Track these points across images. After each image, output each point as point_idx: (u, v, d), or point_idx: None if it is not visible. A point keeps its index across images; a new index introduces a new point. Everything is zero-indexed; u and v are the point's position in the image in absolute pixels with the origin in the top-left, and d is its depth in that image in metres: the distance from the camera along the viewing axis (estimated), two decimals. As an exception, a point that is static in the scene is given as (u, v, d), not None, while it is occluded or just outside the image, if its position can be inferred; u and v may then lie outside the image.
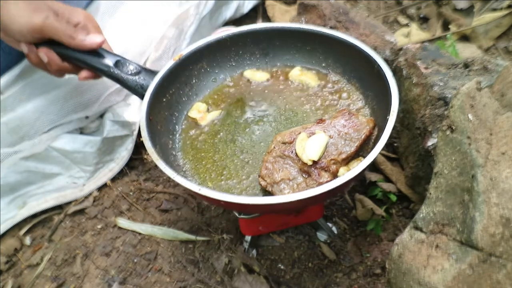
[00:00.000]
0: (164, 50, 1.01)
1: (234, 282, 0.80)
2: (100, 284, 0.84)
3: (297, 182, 0.64)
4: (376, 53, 0.72)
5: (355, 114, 0.69)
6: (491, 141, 0.53)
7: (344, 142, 0.66)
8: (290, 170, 0.65)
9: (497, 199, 0.47)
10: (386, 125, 0.61)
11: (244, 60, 0.87)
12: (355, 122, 0.68)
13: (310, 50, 0.84)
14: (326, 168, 0.63)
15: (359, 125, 0.67)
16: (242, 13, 1.30)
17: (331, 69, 0.83)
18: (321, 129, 0.67)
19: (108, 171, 1.00)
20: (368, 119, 0.68)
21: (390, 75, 0.68)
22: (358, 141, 0.66)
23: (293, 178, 0.64)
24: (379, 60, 0.71)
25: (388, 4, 1.30)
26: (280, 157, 0.66)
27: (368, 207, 0.85)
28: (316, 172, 0.63)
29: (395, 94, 0.65)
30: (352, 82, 0.80)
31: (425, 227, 0.55)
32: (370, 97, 0.76)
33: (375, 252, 0.83)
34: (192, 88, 0.84)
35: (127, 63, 0.77)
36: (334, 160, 0.64)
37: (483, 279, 0.46)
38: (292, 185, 0.63)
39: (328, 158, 0.64)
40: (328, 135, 0.66)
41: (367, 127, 0.67)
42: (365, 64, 0.73)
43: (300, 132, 0.67)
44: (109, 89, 0.97)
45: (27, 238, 0.93)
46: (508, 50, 1.13)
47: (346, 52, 0.78)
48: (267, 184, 0.64)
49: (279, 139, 0.68)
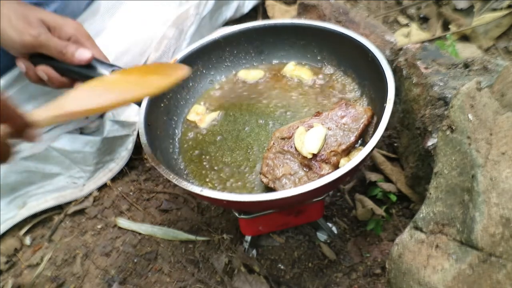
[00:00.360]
0: (164, 50, 1.01)
1: (234, 282, 0.80)
2: (100, 284, 0.84)
3: (298, 176, 0.64)
4: (369, 41, 0.73)
5: (352, 104, 0.69)
6: (491, 141, 0.53)
7: (343, 133, 0.66)
8: (291, 165, 0.65)
9: (497, 199, 0.47)
10: (383, 113, 0.61)
11: (239, 59, 0.87)
12: (352, 113, 0.68)
13: (304, 45, 0.84)
14: (326, 160, 0.64)
15: (356, 115, 0.68)
16: (242, 13, 1.30)
17: (327, 62, 0.83)
18: (319, 122, 0.67)
19: (108, 171, 1.00)
20: (365, 108, 0.68)
21: (385, 63, 0.68)
22: (357, 131, 0.66)
23: (294, 172, 0.64)
24: (373, 48, 0.71)
25: (388, 4, 1.30)
26: (280, 153, 0.66)
27: (368, 207, 0.85)
28: (317, 165, 0.63)
29: (391, 82, 0.65)
30: (348, 73, 0.81)
31: (425, 227, 0.55)
32: (367, 86, 0.76)
33: (375, 252, 0.83)
34: (189, 91, 0.84)
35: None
36: (334, 152, 0.64)
37: (483, 279, 0.46)
38: (294, 180, 0.64)
39: (328, 150, 0.64)
40: (327, 127, 0.67)
41: (365, 116, 0.67)
42: (359, 53, 0.74)
43: (298, 126, 0.68)
44: (109, 89, 0.97)
45: (27, 238, 0.93)
46: (508, 50, 1.13)
47: (339, 43, 0.78)
48: (269, 180, 0.65)
49: (278, 135, 0.68)
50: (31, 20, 0.70)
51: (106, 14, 0.96)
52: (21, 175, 0.90)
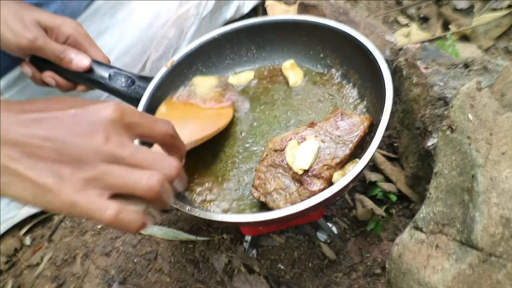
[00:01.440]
0: (164, 50, 1.01)
1: (234, 282, 0.80)
2: (100, 284, 0.84)
3: (289, 192, 0.61)
4: (373, 45, 0.69)
5: (348, 114, 0.66)
6: (491, 141, 0.53)
7: (337, 145, 0.63)
8: (283, 179, 0.62)
9: (497, 199, 0.47)
10: (379, 125, 0.59)
11: (241, 57, 0.85)
12: (348, 123, 0.65)
13: (306, 41, 0.81)
14: (318, 176, 0.61)
15: (352, 126, 0.64)
16: (243, 13, 1.30)
17: (329, 60, 0.80)
18: (312, 133, 0.65)
19: (108, 171, 1.00)
20: (362, 118, 0.65)
21: (385, 67, 0.65)
22: (352, 143, 0.63)
23: (285, 187, 0.62)
24: (373, 49, 0.68)
25: (388, 4, 1.30)
26: (272, 166, 0.64)
27: (368, 207, 0.85)
28: (308, 180, 0.61)
29: (390, 92, 0.62)
30: (350, 74, 0.77)
31: (425, 227, 0.55)
32: (369, 89, 0.73)
33: (375, 252, 0.83)
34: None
35: (122, 74, 0.76)
36: (328, 166, 0.61)
37: (483, 279, 0.46)
38: (284, 195, 0.61)
39: (321, 164, 0.61)
40: (320, 140, 0.64)
41: (361, 127, 0.64)
42: (361, 53, 0.71)
43: (291, 138, 0.65)
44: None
45: (27, 238, 0.93)
46: (508, 50, 1.13)
47: (341, 41, 0.75)
48: (260, 194, 0.63)
49: (271, 146, 0.66)
50: (27, 22, 0.68)
51: (107, 15, 0.96)
52: (21, 175, 0.90)
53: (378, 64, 0.66)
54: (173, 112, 0.73)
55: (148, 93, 0.73)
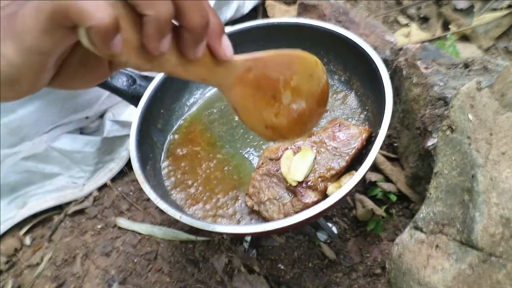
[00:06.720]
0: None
1: (234, 282, 0.80)
2: (100, 284, 0.84)
3: (283, 202, 0.61)
4: (375, 52, 0.68)
5: (346, 124, 0.64)
6: (491, 141, 0.53)
7: (333, 157, 0.62)
8: (277, 189, 0.62)
9: (497, 199, 0.47)
10: (376, 138, 0.57)
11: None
12: (346, 134, 0.63)
13: (311, 45, 0.81)
14: (313, 187, 0.60)
15: (350, 137, 0.63)
16: (243, 13, 1.30)
17: (333, 65, 0.80)
18: (308, 144, 0.64)
19: (108, 171, 1.00)
20: (361, 129, 0.64)
21: (386, 76, 0.64)
22: (348, 156, 0.62)
23: (279, 197, 0.61)
24: (376, 58, 0.67)
25: (388, 4, 1.30)
26: (267, 175, 0.63)
27: (368, 207, 0.85)
28: (302, 191, 0.60)
29: (389, 106, 0.60)
30: (352, 80, 0.77)
31: (425, 227, 0.55)
32: (371, 98, 0.72)
33: (375, 252, 0.83)
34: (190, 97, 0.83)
35: (123, 73, 0.75)
36: (322, 178, 0.60)
37: (483, 279, 0.46)
38: (278, 205, 0.61)
39: (316, 175, 0.60)
40: (316, 151, 0.62)
41: (359, 139, 0.62)
42: (363, 61, 0.70)
43: (287, 148, 0.64)
44: (109, 89, 0.97)
45: (27, 238, 0.93)
46: (508, 50, 1.13)
47: (345, 47, 0.74)
48: (254, 203, 0.62)
49: (267, 154, 0.65)
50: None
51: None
52: (21, 175, 0.90)
53: (380, 75, 0.64)
54: None
55: (149, 92, 0.73)
